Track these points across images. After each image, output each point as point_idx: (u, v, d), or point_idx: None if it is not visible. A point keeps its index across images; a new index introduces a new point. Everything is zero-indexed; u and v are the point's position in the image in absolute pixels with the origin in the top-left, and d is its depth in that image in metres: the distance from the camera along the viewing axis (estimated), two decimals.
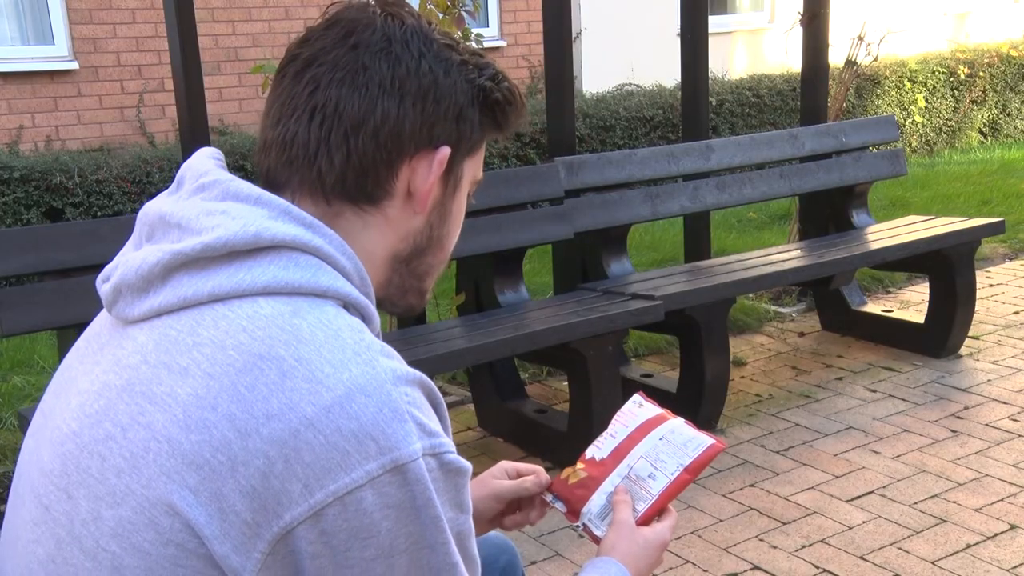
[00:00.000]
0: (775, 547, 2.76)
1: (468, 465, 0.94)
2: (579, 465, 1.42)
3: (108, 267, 1.02)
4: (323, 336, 0.91)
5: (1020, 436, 3.38)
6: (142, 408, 0.91)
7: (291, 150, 1.02)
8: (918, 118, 9.05)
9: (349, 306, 0.98)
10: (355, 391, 0.88)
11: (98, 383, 0.96)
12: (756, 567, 2.67)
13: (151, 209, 1.02)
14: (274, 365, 0.89)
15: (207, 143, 3.46)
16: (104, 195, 5.60)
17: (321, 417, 0.87)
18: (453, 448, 0.93)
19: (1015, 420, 3.51)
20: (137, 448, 0.89)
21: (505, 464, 1.46)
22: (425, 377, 0.95)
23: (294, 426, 0.87)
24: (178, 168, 1.07)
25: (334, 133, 1.01)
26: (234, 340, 0.91)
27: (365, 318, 1.00)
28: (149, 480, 0.88)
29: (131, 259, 0.98)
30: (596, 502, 1.37)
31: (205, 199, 0.99)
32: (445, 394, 3.99)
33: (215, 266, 0.94)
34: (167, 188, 1.07)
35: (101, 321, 1.05)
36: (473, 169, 1.12)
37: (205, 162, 1.05)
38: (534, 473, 1.44)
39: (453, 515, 0.93)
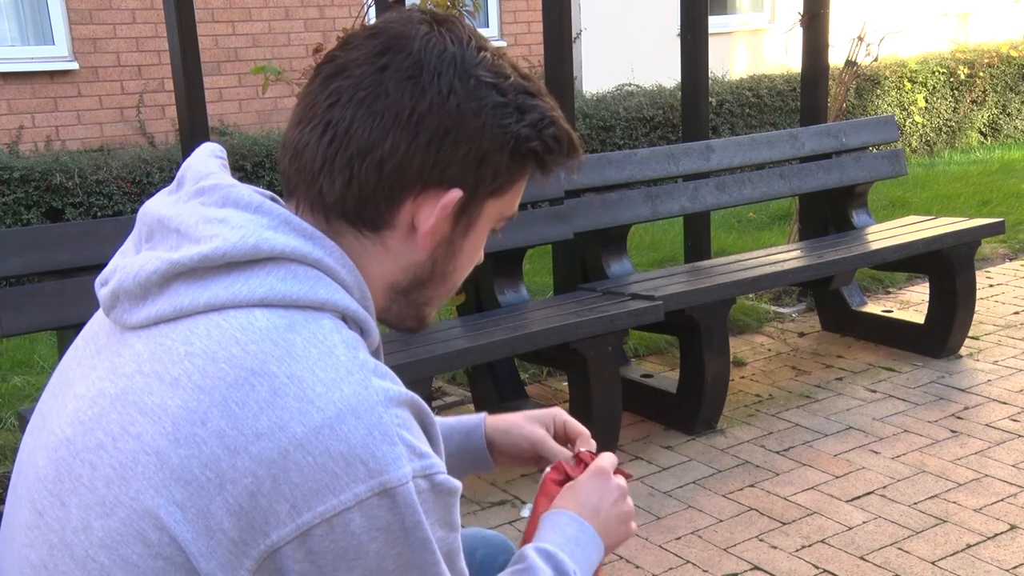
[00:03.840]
0: (775, 547, 2.76)
1: (458, 484, 0.94)
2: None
3: (106, 270, 1.01)
4: (316, 353, 0.90)
5: (1020, 436, 3.38)
6: (133, 418, 0.90)
7: (300, 160, 1.00)
8: (918, 118, 9.05)
9: (347, 319, 0.97)
10: (346, 412, 0.87)
11: (94, 390, 0.95)
12: (756, 567, 2.67)
13: (150, 209, 1.00)
14: (266, 382, 0.88)
15: None
16: (104, 195, 5.60)
17: (311, 438, 0.86)
18: (443, 468, 0.92)
19: (1015, 420, 3.51)
20: (126, 459, 0.89)
21: (556, 413, 1.39)
22: (416, 397, 0.94)
23: (283, 446, 0.86)
24: (179, 167, 1.06)
25: (340, 155, 0.97)
26: (226, 352, 0.89)
27: (363, 331, 0.99)
28: (137, 492, 0.87)
29: (129, 265, 0.97)
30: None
31: (205, 204, 0.97)
32: (445, 394, 3.99)
33: (212, 276, 0.93)
34: (167, 186, 1.06)
35: (99, 322, 1.04)
36: (499, 208, 1.06)
37: (207, 162, 1.03)
38: (580, 437, 1.36)
39: (443, 534, 0.93)
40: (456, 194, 1.00)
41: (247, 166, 6.01)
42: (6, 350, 4.58)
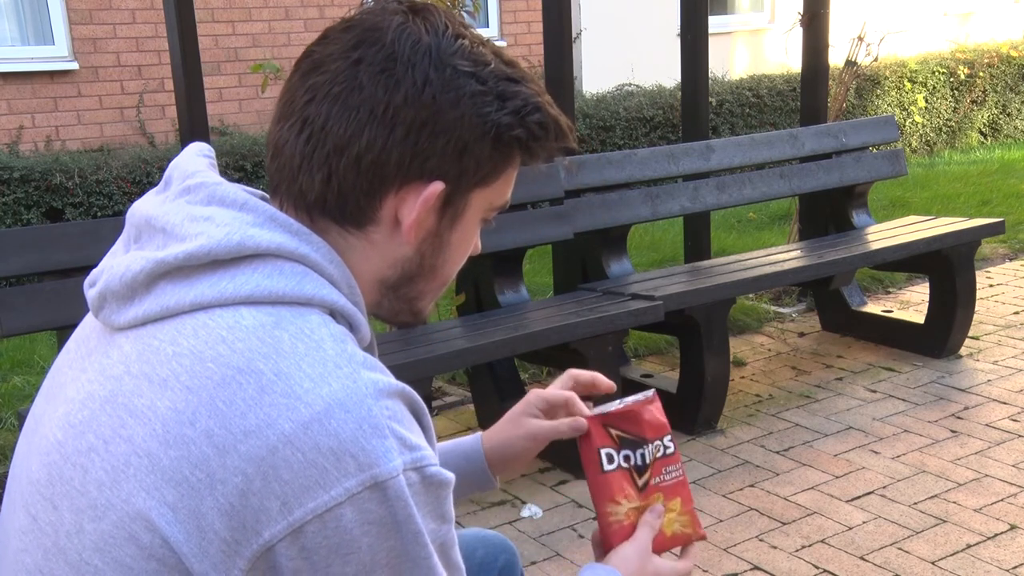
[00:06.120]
0: (775, 547, 2.76)
1: (451, 477, 0.93)
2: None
3: (95, 271, 1.01)
4: (304, 348, 0.89)
5: (1020, 436, 3.38)
6: (123, 421, 0.90)
7: (280, 158, 1.00)
8: (918, 118, 9.05)
9: (336, 314, 0.96)
10: (334, 406, 0.87)
11: (83, 392, 0.94)
12: (756, 567, 2.67)
13: (138, 210, 1.00)
14: (252, 379, 0.87)
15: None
16: (104, 195, 5.60)
17: (299, 434, 0.85)
18: (435, 460, 0.91)
19: (1015, 420, 3.51)
20: (118, 462, 0.88)
21: (533, 398, 1.38)
22: (407, 388, 0.94)
23: (272, 443, 0.85)
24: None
25: (317, 152, 0.96)
26: (213, 352, 0.89)
27: (353, 327, 0.98)
28: (129, 495, 0.87)
29: (116, 266, 0.96)
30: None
31: (190, 202, 0.97)
32: (445, 394, 3.99)
33: (198, 275, 0.92)
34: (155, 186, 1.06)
35: (89, 324, 1.03)
36: (488, 198, 1.04)
37: (194, 161, 1.03)
38: (566, 403, 1.38)
39: (435, 527, 0.92)
40: (438, 187, 0.98)
41: (247, 166, 6.02)
42: (6, 350, 4.58)
